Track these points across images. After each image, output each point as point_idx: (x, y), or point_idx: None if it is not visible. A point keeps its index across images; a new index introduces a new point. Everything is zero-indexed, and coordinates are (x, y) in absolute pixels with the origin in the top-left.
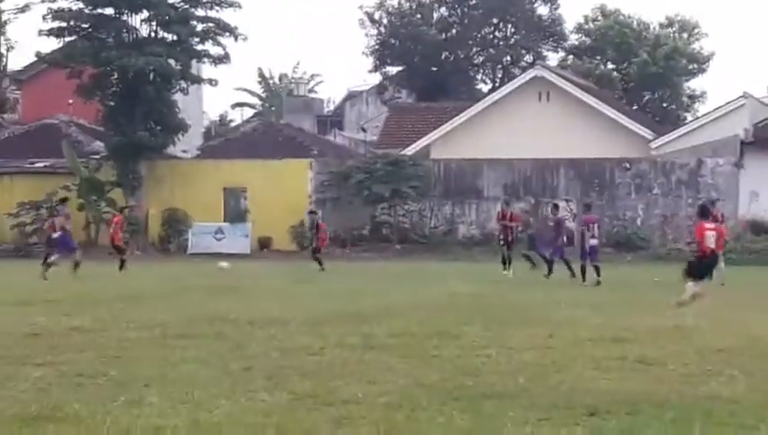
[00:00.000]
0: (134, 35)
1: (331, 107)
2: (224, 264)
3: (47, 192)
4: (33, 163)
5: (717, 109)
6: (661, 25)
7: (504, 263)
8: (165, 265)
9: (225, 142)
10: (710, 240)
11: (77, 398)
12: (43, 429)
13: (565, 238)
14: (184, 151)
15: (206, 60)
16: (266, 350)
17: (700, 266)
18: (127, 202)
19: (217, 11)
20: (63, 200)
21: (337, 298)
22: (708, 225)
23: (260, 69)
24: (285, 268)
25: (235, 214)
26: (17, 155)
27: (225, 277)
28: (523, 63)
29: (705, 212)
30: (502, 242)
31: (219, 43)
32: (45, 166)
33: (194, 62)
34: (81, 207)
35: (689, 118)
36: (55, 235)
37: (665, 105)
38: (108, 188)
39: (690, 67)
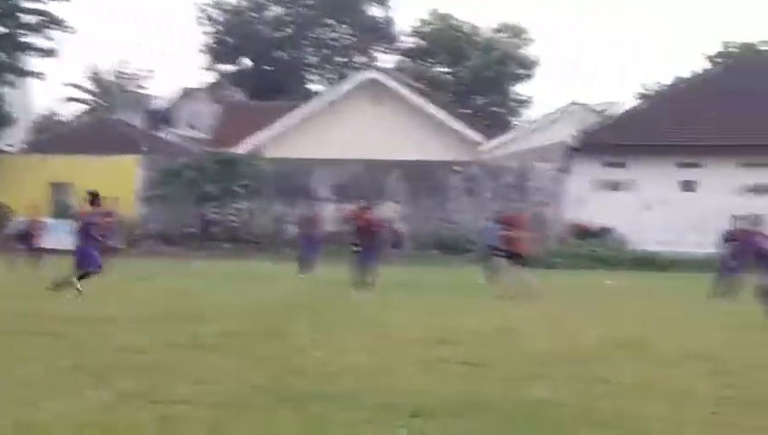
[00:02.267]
0: None
1: (164, 104)
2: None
3: None
4: None
5: (547, 115)
6: (493, 30)
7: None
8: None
9: (52, 137)
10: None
11: None
12: None
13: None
14: (9, 145)
15: (33, 52)
16: (94, 347)
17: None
18: None
19: (45, 2)
20: None
21: (166, 297)
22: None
23: (91, 64)
24: (113, 265)
25: (62, 210)
26: None
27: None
28: (357, 65)
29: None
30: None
31: (48, 36)
32: None
33: (21, 54)
34: None
35: (516, 122)
36: None
37: (495, 109)
38: None
39: (519, 72)
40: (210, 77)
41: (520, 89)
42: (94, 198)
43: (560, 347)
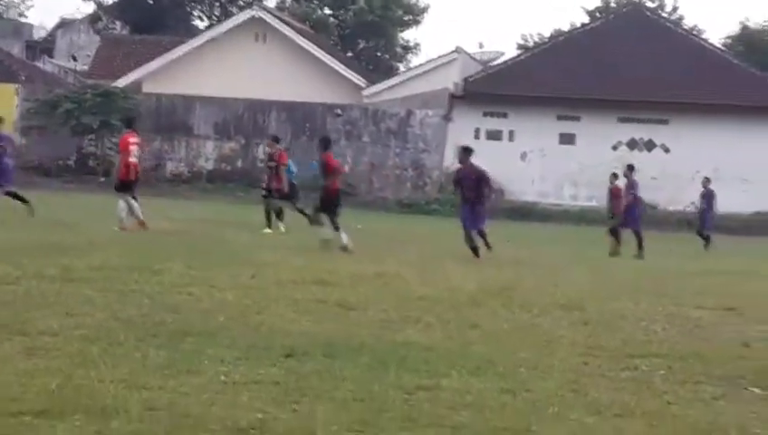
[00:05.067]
0: None
1: (42, 33)
2: None
3: None
4: None
5: (430, 61)
6: None
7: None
8: None
9: None
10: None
11: None
12: None
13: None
14: None
15: None
16: None
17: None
18: None
19: None
20: None
21: (37, 229)
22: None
23: None
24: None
25: None
26: None
27: None
28: (241, 3)
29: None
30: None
31: None
32: None
33: None
34: None
35: (402, 68)
36: None
37: (379, 54)
38: None
39: (405, 18)
40: (90, 8)
41: (407, 35)
42: None
43: (434, 293)
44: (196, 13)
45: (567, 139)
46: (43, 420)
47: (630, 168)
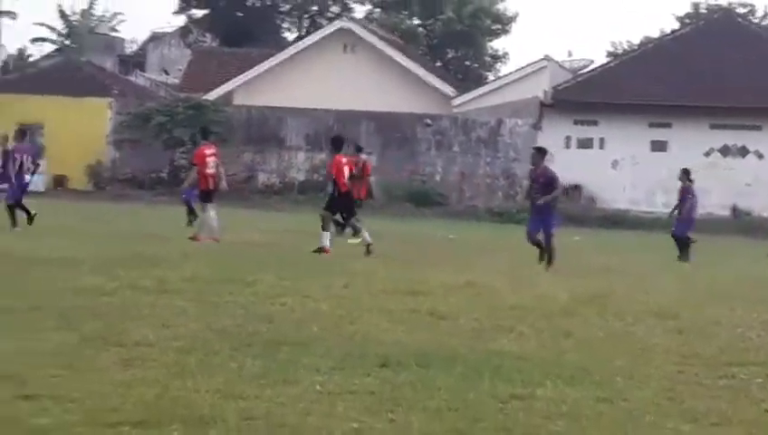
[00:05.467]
0: None
1: (134, 47)
2: None
3: None
4: None
5: (519, 70)
6: None
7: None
8: None
9: (22, 77)
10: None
11: None
12: None
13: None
14: None
15: None
16: (58, 289)
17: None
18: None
19: None
20: None
21: (132, 240)
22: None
23: (60, 4)
24: (80, 208)
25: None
26: None
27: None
28: (330, 14)
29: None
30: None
31: None
32: None
33: None
34: None
35: (491, 77)
36: None
37: (467, 64)
38: None
39: (494, 27)
40: (181, 21)
41: (496, 44)
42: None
43: (526, 301)
44: (284, 25)
45: (659, 146)
46: (141, 430)
47: (686, 172)
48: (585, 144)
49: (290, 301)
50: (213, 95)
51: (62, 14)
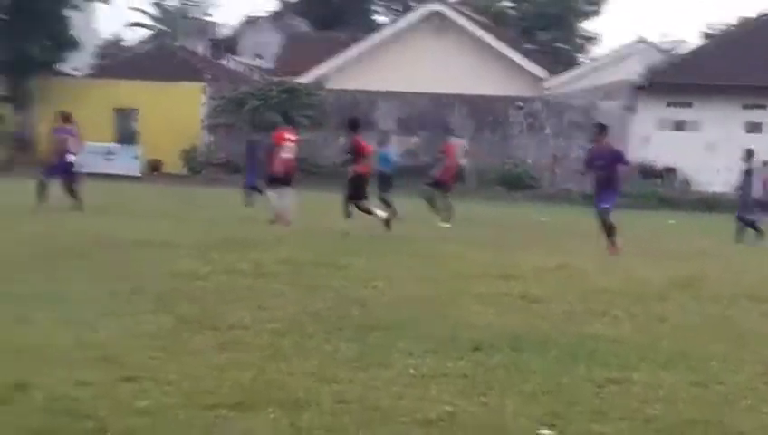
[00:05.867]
0: None
1: (227, 32)
2: None
3: None
4: None
5: (611, 52)
6: None
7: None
8: (52, 183)
9: (117, 62)
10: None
11: None
12: None
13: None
14: (75, 70)
15: None
16: (154, 273)
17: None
18: (16, 118)
19: None
20: None
21: (227, 224)
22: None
23: None
24: (175, 192)
25: (126, 135)
26: None
27: (115, 199)
28: None
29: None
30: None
31: None
32: None
33: None
34: None
35: (583, 59)
36: None
37: (559, 46)
38: None
39: (586, 9)
40: (274, 5)
41: (587, 25)
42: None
43: (619, 285)
44: (377, 8)
45: (753, 127)
46: (238, 412)
47: (749, 153)
48: (679, 126)
49: (381, 284)
50: (306, 79)
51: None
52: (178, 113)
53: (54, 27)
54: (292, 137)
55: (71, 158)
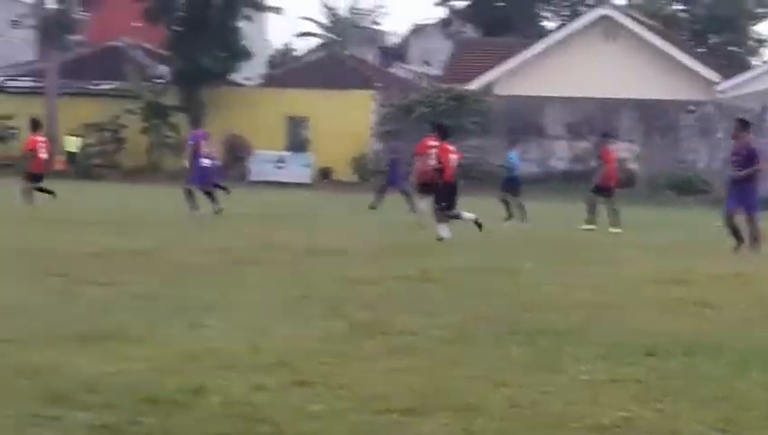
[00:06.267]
0: None
1: (396, 40)
2: None
3: (110, 115)
4: (97, 85)
5: None
6: None
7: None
8: (225, 193)
9: (288, 71)
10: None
11: (138, 318)
12: (106, 347)
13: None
14: (247, 79)
15: None
16: (324, 279)
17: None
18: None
19: None
20: None
21: (395, 231)
22: None
23: None
24: (345, 199)
25: (297, 143)
26: (82, 76)
27: (286, 206)
28: (590, 1)
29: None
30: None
31: None
32: (110, 88)
33: None
34: (144, 130)
35: (756, 63)
36: None
37: (731, 49)
38: (171, 112)
39: (759, 11)
40: (442, 13)
41: (760, 28)
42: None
43: None
44: (545, 13)
45: None
46: (409, 417)
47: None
48: None
49: (552, 289)
50: (474, 85)
51: (327, 8)
52: (348, 121)
53: (227, 38)
54: (436, 144)
55: (204, 162)
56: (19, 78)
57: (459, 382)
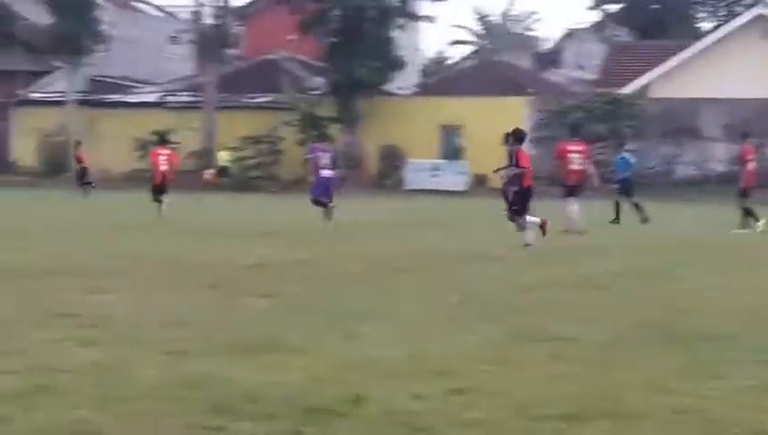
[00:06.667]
0: None
1: (549, 45)
2: None
3: (267, 127)
4: (253, 98)
5: None
6: None
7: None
8: (381, 201)
9: (441, 80)
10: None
11: (297, 328)
12: (265, 358)
13: None
14: (400, 88)
15: None
16: (481, 285)
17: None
18: (344, 138)
19: None
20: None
21: (552, 237)
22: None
23: (477, 6)
24: (502, 206)
25: (451, 151)
26: (239, 90)
27: (440, 213)
28: (747, 1)
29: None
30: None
31: None
32: (266, 101)
33: None
34: (300, 142)
35: None
36: None
37: None
38: (327, 123)
39: None
40: (595, 16)
41: None
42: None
43: None
44: (699, 15)
45: None
46: (570, 424)
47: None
48: None
49: (713, 295)
50: (628, 89)
51: (479, 16)
52: (503, 128)
53: (381, 48)
54: (579, 148)
55: (326, 173)
56: (178, 93)
57: (619, 388)
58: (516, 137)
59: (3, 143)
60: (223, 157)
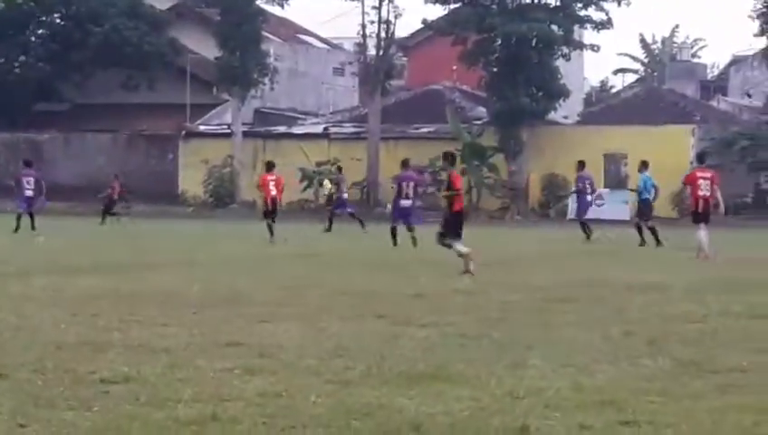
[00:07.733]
0: (517, 1)
1: (715, 72)
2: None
3: (430, 157)
4: (417, 128)
5: None
6: None
7: None
8: (544, 230)
9: (605, 108)
10: None
11: (461, 358)
12: (430, 388)
13: None
14: (564, 117)
15: (588, 25)
16: (646, 316)
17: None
18: (508, 167)
19: None
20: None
21: (719, 266)
22: None
23: (641, 34)
24: (667, 235)
25: (615, 180)
26: (402, 120)
27: (605, 244)
28: None
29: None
30: None
31: (602, 8)
32: (429, 131)
33: (576, 27)
34: (463, 171)
35: None
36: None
37: None
38: (490, 153)
39: None
40: (762, 43)
41: None
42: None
43: None
44: None
45: None
46: None
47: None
48: None
49: None
50: None
51: (644, 44)
52: (667, 157)
53: (544, 77)
54: (707, 175)
55: (404, 203)
56: (342, 124)
57: None
58: (449, 159)
59: (171, 175)
60: (326, 186)
